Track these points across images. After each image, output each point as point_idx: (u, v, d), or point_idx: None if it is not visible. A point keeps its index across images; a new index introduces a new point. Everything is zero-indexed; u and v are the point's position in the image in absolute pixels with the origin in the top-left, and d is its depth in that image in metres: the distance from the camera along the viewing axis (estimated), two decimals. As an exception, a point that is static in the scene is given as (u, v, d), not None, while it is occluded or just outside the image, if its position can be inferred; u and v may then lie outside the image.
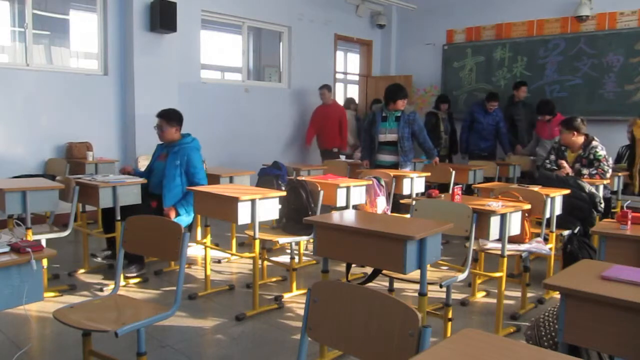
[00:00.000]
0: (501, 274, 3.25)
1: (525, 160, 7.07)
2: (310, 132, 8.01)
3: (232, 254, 4.66)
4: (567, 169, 4.70)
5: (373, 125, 5.63)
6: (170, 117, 4.36)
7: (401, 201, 5.12)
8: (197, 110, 7.07)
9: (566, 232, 4.08)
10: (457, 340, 1.26)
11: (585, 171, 4.71)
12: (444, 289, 2.92)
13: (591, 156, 4.75)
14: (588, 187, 4.25)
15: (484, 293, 4.01)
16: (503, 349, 1.22)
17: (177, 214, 4.22)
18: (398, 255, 2.44)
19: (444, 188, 5.39)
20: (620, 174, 5.64)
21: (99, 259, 4.34)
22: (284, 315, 3.56)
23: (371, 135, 5.66)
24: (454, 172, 5.65)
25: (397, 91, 5.52)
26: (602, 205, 4.26)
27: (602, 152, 4.75)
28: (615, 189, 5.54)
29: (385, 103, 5.61)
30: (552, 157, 4.90)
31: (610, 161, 4.85)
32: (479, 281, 4.07)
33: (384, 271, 2.89)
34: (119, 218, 3.94)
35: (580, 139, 4.80)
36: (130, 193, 4.03)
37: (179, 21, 6.39)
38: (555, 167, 4.81)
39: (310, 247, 4.78)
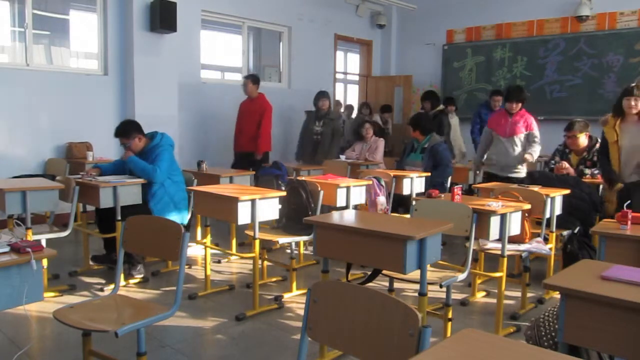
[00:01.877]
0: (501, 274, 3.25)
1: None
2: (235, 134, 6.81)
3: (232, 254, 4.66)
4: (569, 169, 4.69)
5: (403, 156, 5.48)
6: (126, 132, 4.25)
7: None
8: (197, 110, 7.08)
9: (565, 232, 4.07)
10: (457, 340, 1.26)
11: (587, 171, 4.70)
12: (444, 289, 2.92)
13: (595, 158, 4.72)
14: (588, 188, 4.25)
15: (484, 293, 4.01)
16: (503, 349, 1.22)
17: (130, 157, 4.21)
18: (398, 255, 2.43)
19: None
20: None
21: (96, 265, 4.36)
22: (284, 315, 3.56)
23: (402, 166, 5.48)
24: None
25: (416, 122, 5.28)
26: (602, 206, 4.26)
27: None
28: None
29: None
30: (557, 158, 4.90)
31: None
32: (479, 281, 4.07)
33: (384, 271, 2.89)
34: (119, 218, 3.94)
35: (584, 142, 4.78)
36: (131, 193, 4.02)
37: (179, 21, 6.38)
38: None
39: (311, 247, 4.78)
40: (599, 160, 4.39)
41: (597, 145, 4.75)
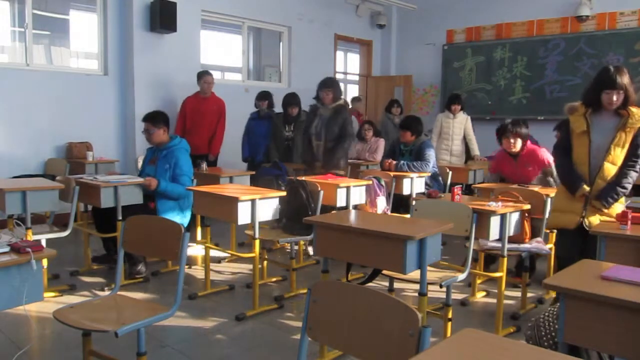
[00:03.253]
0: (501, 274, 3.25)
1: None
2: (177, 133, 6.07)
3: (232, 254, 4.66)
4: None
5: (395, 159, 5.32)
6: (156, 119, 4.28)
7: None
8: (197, 110, 7.07)
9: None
10: (457, 340, 1.26)
11: None
12: (444, 289, 2.92)
13: None
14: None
15: (484, 293, 4.01)
16: (503, 349, 1.22)
17: (158, 185, 4.05)
18: (398, 255, 2.44)
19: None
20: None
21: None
22: (284, 315, 3.56)
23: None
24: (450, 172, 5.64)
25: (406, 124, 5.16)
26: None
27: None
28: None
29: None
30: None
31: None
32: (479, 281, 4.07)
33: (384, 271, 2.89)
34: (120, 218, 3.94)
35: None
36: (132, 193, 4.02)
37: (179, 21, 6.39)
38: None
39: (311, 247, 4.78)
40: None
41: None
